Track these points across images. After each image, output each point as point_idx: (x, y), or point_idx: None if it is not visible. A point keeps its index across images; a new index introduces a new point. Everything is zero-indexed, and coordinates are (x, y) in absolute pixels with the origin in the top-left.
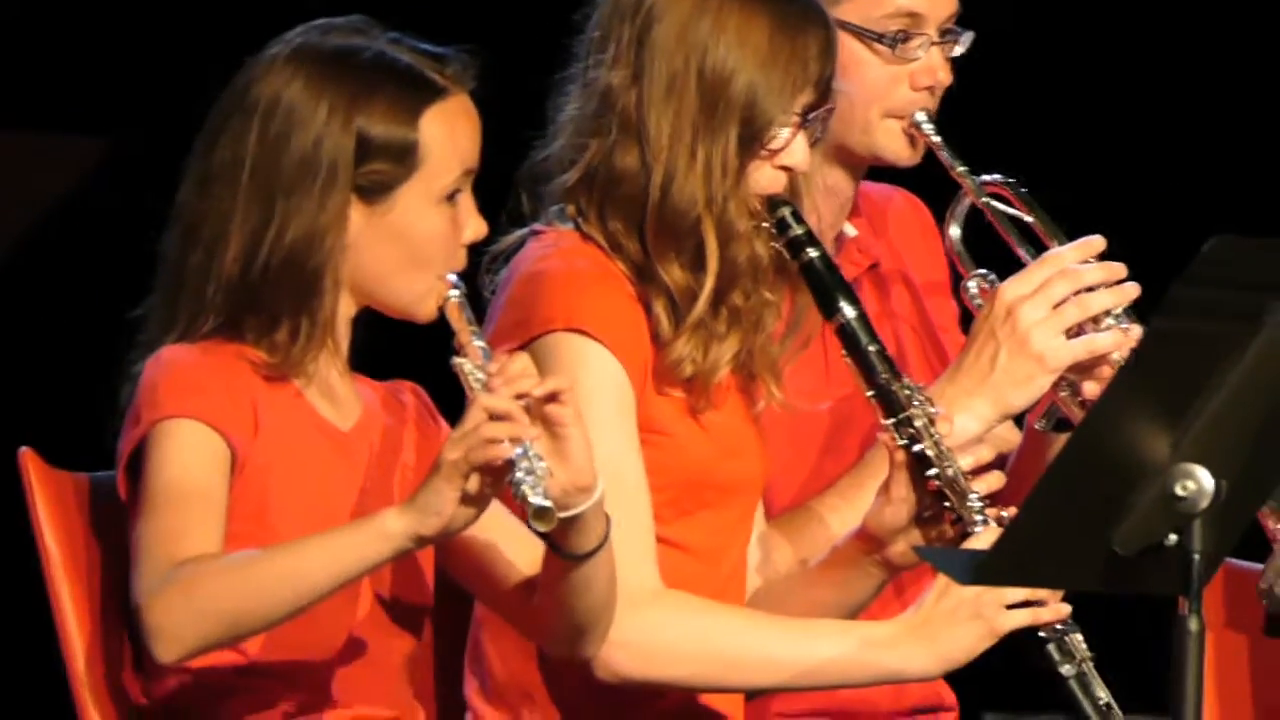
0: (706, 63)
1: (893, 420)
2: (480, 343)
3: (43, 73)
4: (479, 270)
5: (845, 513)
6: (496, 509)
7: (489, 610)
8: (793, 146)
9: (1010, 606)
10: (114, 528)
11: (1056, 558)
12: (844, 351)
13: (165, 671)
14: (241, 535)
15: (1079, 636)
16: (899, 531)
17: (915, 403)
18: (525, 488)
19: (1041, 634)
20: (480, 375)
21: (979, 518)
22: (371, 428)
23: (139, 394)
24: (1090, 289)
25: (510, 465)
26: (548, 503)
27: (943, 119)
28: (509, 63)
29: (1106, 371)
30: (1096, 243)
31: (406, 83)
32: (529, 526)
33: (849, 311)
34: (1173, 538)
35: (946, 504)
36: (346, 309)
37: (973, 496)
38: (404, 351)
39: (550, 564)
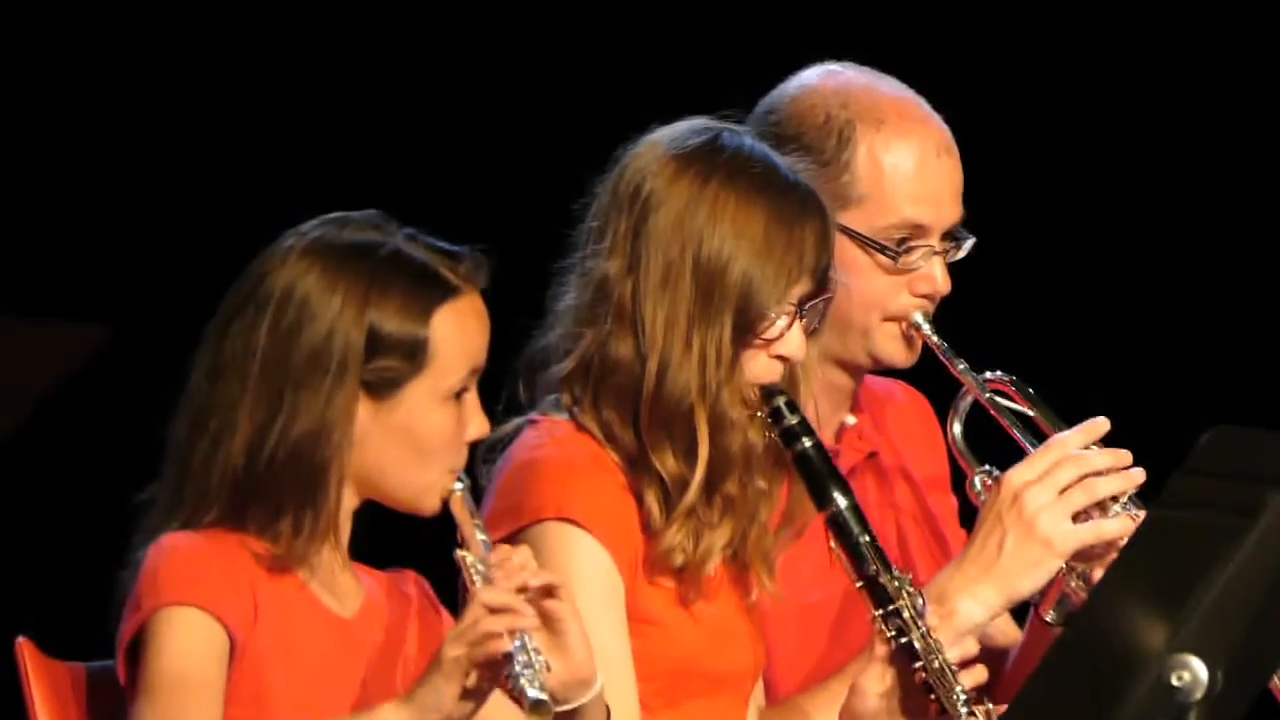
0: (702, 252)
1: (881, 612)
2: (483, 536)
3: (42, 259)
4: (476, 458)
5: (831, 710)
6: (496, 697)
7: None
8: (788, 336)
9: None
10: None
11: None
12: (834, 542)
13: None
14: None
15: None
16: None
17: (904, 594)
18: (523, 681)
19: None
20: (482, 569)
21: (964, 710)
22: (374, 617)
23: (140, 580)
24: (1097, 474)
25: (509, 658)
26: (544, 696)
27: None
28: (508, 253)
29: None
30: (1101, 425)
31: (421, 280)
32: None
33: (841, 502)
34: None
35: (932, 696)
36: (350, 501)
37: (959, 689)
38: (406, 538)
39: None
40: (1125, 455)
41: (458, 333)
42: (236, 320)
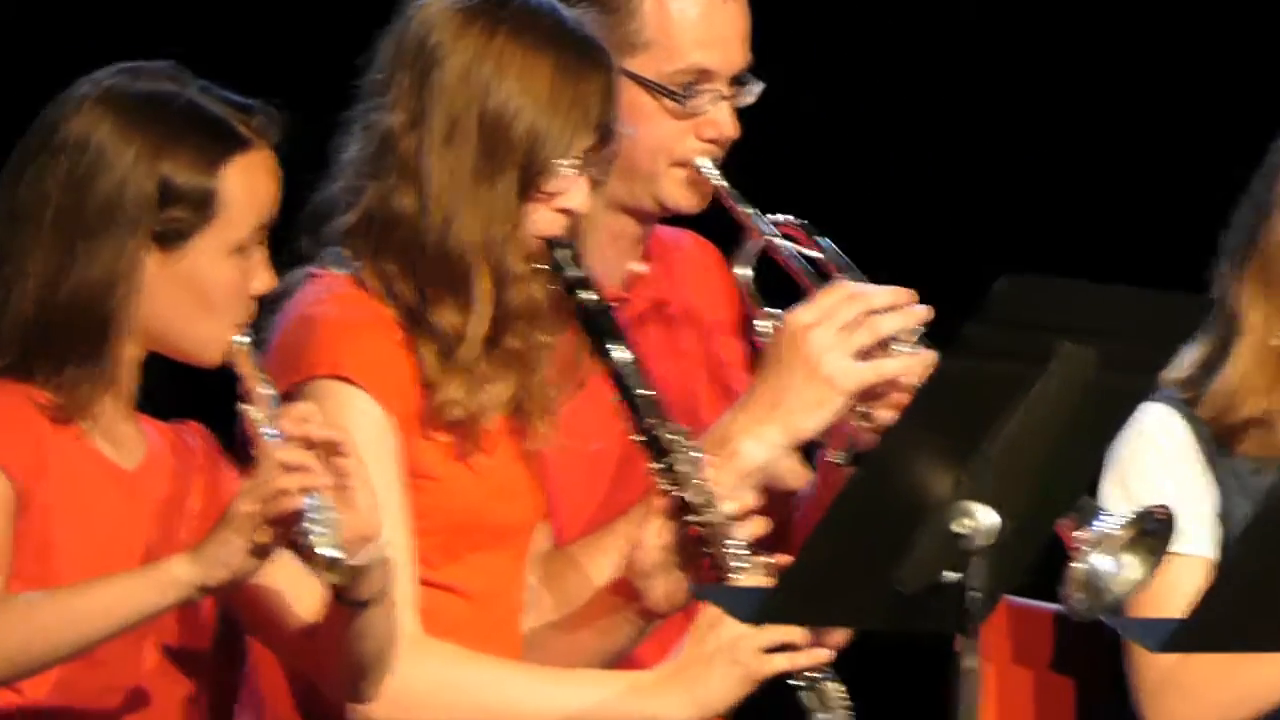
0: (488, 106)
1: (659, 465)
2: (268, 390)
3: None
4: (260, 311)
5: (604, 560)
6: (279, 553)
7: (266, 652)
8: (573, 189)
9: (769, 651)
10: None
11: (839, 595)
12: (615, 395)
13: None
14: (25, 575)
15: (837, 685)
16: (650, 576)
17: (680, 449)
18: (314, 538)
19: (798, 681)
20: (268, 423)
21: (736, 564)
22: (157, 469)
23: None
24: (879, 312)
25: (300, 515)
26: (339, 554)
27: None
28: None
29: (899, 398)
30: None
31: (213, 133)
32: (320, 576)
33: (620, 356)
34: (952, 575)
35: (706, 549)
36: (134, 352)
37: (732, 542)
38: (189, 391)
39: (333, 610)
40: (908, 293)
41: (247, 186)
42: (29, 168)
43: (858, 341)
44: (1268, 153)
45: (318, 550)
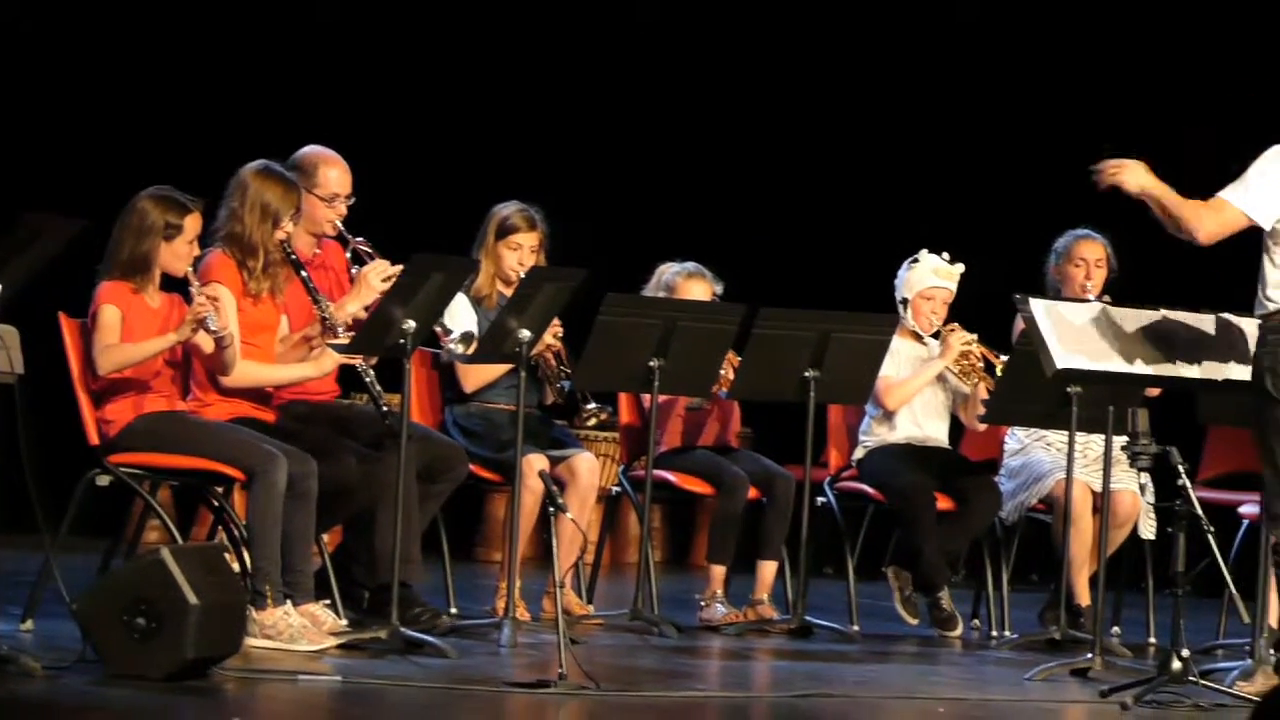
0: (260, 200)
1: (318, 307)
2: (196, 281)
3: None
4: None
5: (298, 336)
6: (201, 334)
7: (198, 362)
8: (289, 225)
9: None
10: None
11: (380, 342)
12: (305, 287)
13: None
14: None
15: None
16: (311, 337)
17: (324, 304)
18: (211, 325)
19: (367, 374)
20: (197, 290)
21: (339, 331)
22: (166, 307)
23: None
24: (391, 270)
25: (208, 318)
26: (217, 328)
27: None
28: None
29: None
30: (393, 268)
31: (179, 207)
32: (213, 336)
33: (304, 274)
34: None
35: (332, 331)
36: (159, 271)
37: (339, 328)
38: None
39: (216, 349)
40: (399, 269)
41: (192, 225)
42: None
43: (384, 276)
44: None
45: (212, 328)
